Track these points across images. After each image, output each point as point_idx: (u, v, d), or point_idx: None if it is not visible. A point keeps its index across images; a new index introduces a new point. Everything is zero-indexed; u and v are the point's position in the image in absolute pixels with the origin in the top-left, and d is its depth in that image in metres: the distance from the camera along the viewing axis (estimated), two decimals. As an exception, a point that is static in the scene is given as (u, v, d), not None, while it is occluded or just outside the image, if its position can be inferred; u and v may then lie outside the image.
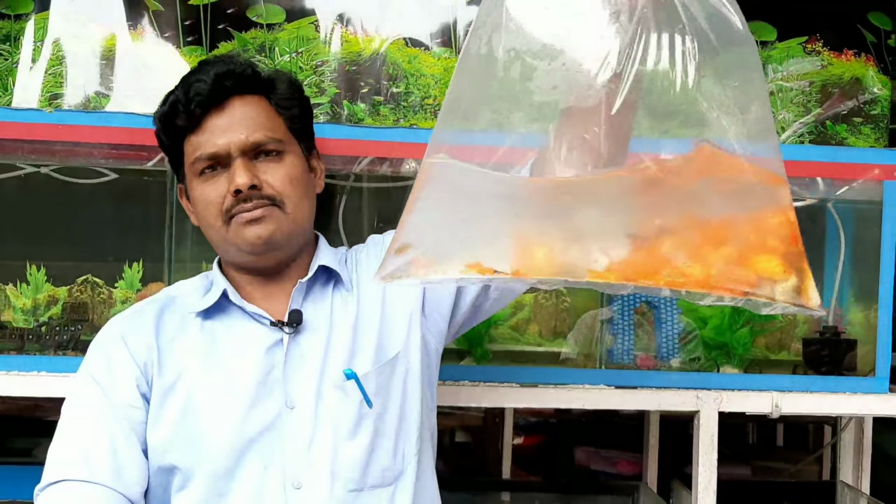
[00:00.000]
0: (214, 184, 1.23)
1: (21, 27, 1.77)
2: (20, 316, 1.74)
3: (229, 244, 1.24)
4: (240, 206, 1.21)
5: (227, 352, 1.23)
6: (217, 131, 1.22)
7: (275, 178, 1.22)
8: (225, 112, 1.23)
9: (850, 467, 2.00)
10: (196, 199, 1.26)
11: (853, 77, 1.85)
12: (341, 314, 1.26)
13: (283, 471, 1.17)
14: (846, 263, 1.86)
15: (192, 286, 1.33)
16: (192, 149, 1.24)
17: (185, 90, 1.23)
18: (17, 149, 1.68)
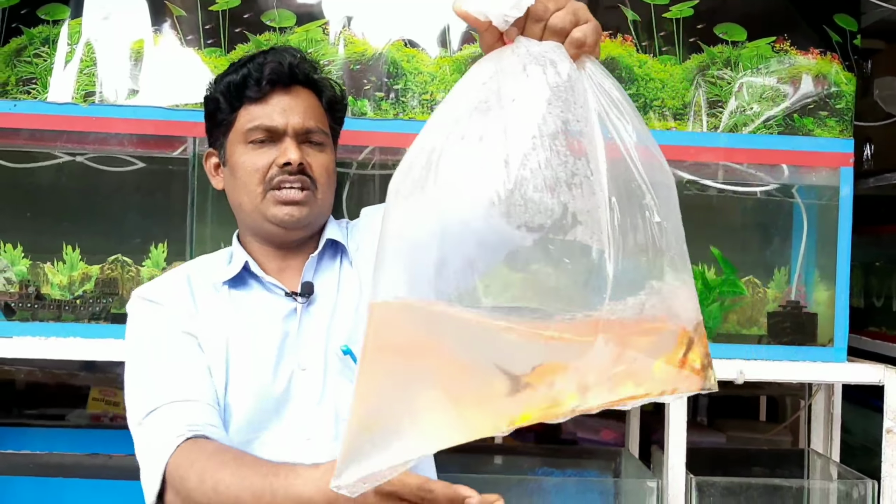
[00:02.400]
0: (264, 153, 1.34)
1: (58, 32, 1.94)
2: (57, 291, 1.92)
3: (259, 213, 1.35)
4: (284, 178, 1.33)
5: (251, 319, 1.36)
6: (279, 108, 1.34)
7: (317, 165, 1.36)
8: (290, 94, 1.36)
9: (820, 436, 2.13)
10: (239, 163, 1.35)
11: (819, 73, 1.99)
12: (347, 285, 1.39)
13: (296, 425, 1.31)
14: (812, 246, 2.01)
15: (212, 259, 1.45)
16: (251, 118, 1.35)
17: (259, 67, 1.35)
18: (55, 139, 1.87)
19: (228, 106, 1.37)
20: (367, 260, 1.38)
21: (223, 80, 1.38)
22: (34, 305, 1.80)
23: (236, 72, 1.37)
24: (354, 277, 1.40)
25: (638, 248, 0.87)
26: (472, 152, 0.85)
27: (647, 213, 0.87)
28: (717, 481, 1.78)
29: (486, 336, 0.83)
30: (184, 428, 1.20)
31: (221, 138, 1.39)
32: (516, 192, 0.82)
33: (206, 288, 1.39)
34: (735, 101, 1.97)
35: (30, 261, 1.94)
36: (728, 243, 2.01)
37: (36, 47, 1.94)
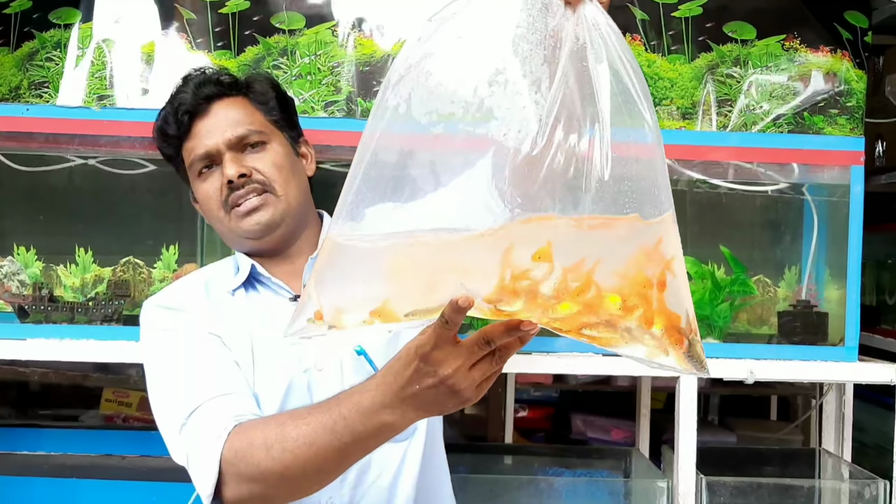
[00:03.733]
0: (211, 180, 1.40)
1: (69, 35, 1.95)
2: (69, 293, 1.94)
3: (233, 233, 1.40)
4: (235, 195, 1.37)
5: (265, 320, 1.37)
6: (204, 133, 1.39)
7: (262, 166, 1.38)
8: (209, 116, 1.40)
9: (831, 435, 2.12)
10: (200, 197, 1.43)
11: (829, 71, 1.98)
12: None
13: None
14: (823, 244, 2.00)
15: (222, 267, 1.47)
16: (188, 153, 1.41)
17: (173, 104, 1.42)
18: (67, 142, 1.89)
19: (172, 150, 1.44)
20: None
21: (155, 127, 1.46)
22: (47, 308, 1.81)
23: (159, 116, 1.45)
24: None
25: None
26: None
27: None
28: (728, 481, 1.78)
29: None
30: (230, 420, 1.17)
31: (182, 175, 1.46)
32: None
33: (222, 293, 1.40)
34: (744, 100, 1.96)
35: (43, 263, 1.96)
36: (738, 242, 2.00)
37: (48, 51, 1.95)
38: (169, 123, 1.41)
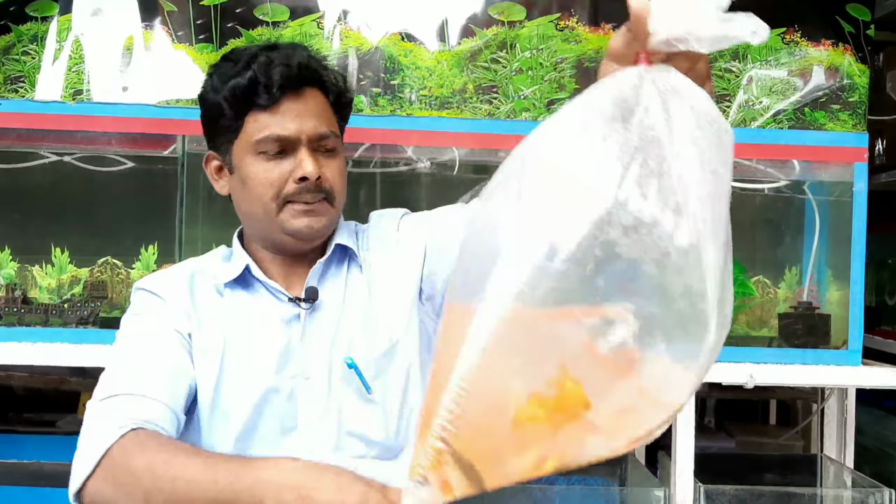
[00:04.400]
0: (278, 166, 1.24)
1: (46, 28, 1.89)
2: (45, 295, 1.87)
3: (275, 225, 1.27)
4: (302, 196, 1.25)
5: (252, 322, 1.29)
6: (291, 115, 1.24)
7: (332, 174, 1.27)
8: (300, 98, 1.25)
9: (833, 441, 2.07)
10: (251, 174, 1.26)
11: (831, 65, 1.93)
12: (354, 293, 1.32)
13: (298, 435, 1.25)
14: (824, 244, 1.95)
15: (211, 259, 1.38)
16: (260, 126, 1.25)
17: (266, 71, 1.24)
18: (42, 139, 1.83)
19: (234, 112, 1.26)
20: (377, 268, 1.33)
21: (226, 83, 1.26)
22: (20, 310, 1.75)
23: (240, 74, 1.24)
24: (363, 283, 1.34)
25: None
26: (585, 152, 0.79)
27: None
28: (727, 489, 1.72)
29: None
30: (128, 420, 1.11)
31: (225, 144, 1.29)
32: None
33: (207, 289, 1.32)
34: (744, 95, 1.91)
35: (18, 263, 1.89)
36: (737, 242, 1.92)
37: (24, 45, 1.90)
38: (257, 90, 1.23)
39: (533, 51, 1.89)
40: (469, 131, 1.88)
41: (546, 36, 1.89)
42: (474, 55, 1.89)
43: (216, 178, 1.34)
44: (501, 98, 1.89)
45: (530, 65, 1.89)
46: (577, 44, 1.89)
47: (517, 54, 1.89)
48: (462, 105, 1.89)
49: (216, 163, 1.32)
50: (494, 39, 1.89)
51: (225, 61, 1.28)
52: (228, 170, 1.30)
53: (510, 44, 1.89)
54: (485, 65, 1.89)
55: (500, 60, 1.89)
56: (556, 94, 1.88)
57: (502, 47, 1.89)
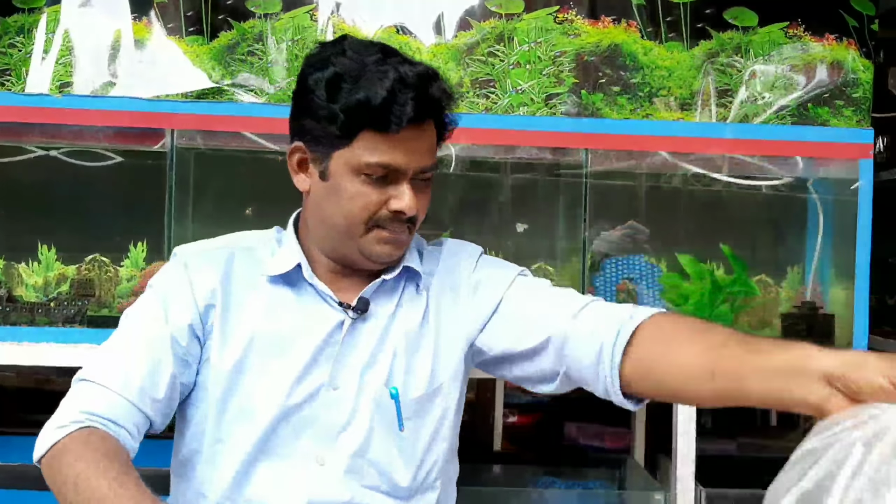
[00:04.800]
0: (378, 191, 1.20)
1: (34, 20, 1.85)
2: (32, 293, 1.83)
3: (355, 244, 1.23)
4: (393, 226, 1.21)
5: (291, 320, 1.24)
6: (405, 147, 1.18)
7: (423, 206, 1.24)
8: (420, 131, 1.19)
9: (835, 443, 2.03)
10: (347, 190, 1.21)
11: (834, 60, 1.89)
12: (406, 313, 1.28)
13: (312, 445, 1.21)
14: (827, 242, 1.91)
15: (261, 241, 1.32)
16: (372, 149, 1.18)
17: (401, 100, 1.16)
18: (27, 132, 1.79)
19: (349, 125, 1.18)
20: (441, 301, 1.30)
21: (353, 95, 1.16)
22: (6, 308, 1.71)
23: (371, 92, 1.15)
24: (418, 306, 1.30)
25: None
26: None
27: None
28: (729, 493, 1.68)
29: None
30: (81, 415, 1.13)
31: (325, 148, 1.21)
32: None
33: (247, 274, 1.27)
34: (746, 90, 1.87)
35: (3, 261, 1.85)
36: (739, 240, 1.91)
37: (11, 37, 1.86)
38: (387, 121, 1.15)
39: (531, 44, 1.85)
40: (466, 126, 1.84)
41: (544, 29, 1.85)
42: (471, 48, 1.86)
43: (297, 171, 1.27)
44: (499, 92, 1.85)
45: (528, 58, 1.85)
46: (576, 37, 1.85)
47: (515, 48, 1.85)
48: (459, 99, 1.85)
49: (301, 156, 1.25)
50: (492, 32, 1.85)
51: (349, 60, 1.18)
52: (320, 174, 1.23)
53: (508, 37, 1.85)
54: (482, 58, 1.85)
55: (497, 54, 1.85)
56: (555, 89, 1.85)
57: (500, 40, 1.85)
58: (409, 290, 1.30)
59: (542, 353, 1.26)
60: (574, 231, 1.83)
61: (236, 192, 1.93)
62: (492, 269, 1.33)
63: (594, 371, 1.18)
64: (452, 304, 1.30)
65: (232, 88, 1.83)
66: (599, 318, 1.20)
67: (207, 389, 1.23)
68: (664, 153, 1.83)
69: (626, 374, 1.16)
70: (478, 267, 1.33)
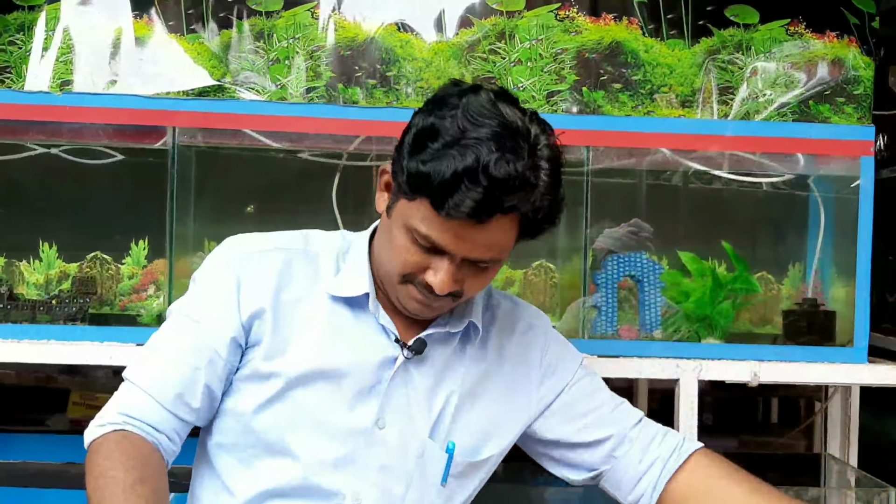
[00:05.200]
0: (420, 255, 1.13)
1: (34, 18, 1.85)
2: (33, 291, 1.83)
3: (392, 289, 1.19)
4: (425, 292, 1.15)
5: (347, 345, 1.21)
6: (459, 234, 1.09)
7: (471, 286, 1.17)
8: (480, 227, 1.08)
9: (837, 440, 2.04)
10: (396, 241, 1.15)
11: (836, 58, 1.89)
12: (465, 367, 1.26)
13: (352, 482, 1.20)
14: (829, 239, 1.91)
15: (328, 248, 1.26)
16: (424, 218, 1.10)
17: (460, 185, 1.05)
18: (28, 130, 1.78)
19: (411, 184, 1.10)
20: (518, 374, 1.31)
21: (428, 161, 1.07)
22: (7, 306, 1.70)
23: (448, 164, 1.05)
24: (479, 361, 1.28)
25: None
26: None
27: None
28: (730, 490, 1.67)
29: None
30: (118, 417, 1.17)
31: (401, 190, 1.13)
32: None
33: (303, 285, 1.22)
34: (747, 88, 1.87)
35: (4, 258, 1.85)
36: (740, 238, 1.91)
37: (11, 34, 1.86)
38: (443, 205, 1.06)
39: (532, 41, 1.85)
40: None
41: (546, 26, 1.85)
42: (472, 46, 1.85)
43: (382, 190, 1.21)
44: (500, 90, 1.85)
45: (529, 56, 1.85)
46: (577, 34, 1.85)
47: (516, 45, 1.85)
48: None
49: (387, 178, 1.18)
50: (493, 30, 1.85)
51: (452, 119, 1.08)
52: (387, 208, 1.18)
53: (509, 34, 1.85)
54: (483, 56, 1.85)
55: (498, 51, 1.85)
56: (556, 86, 1.84)
57: (501, 38, 1.85)
58: (468, 342, 1.27)
59: (596, 448, 1.32)
60: (575, 229, 1.82)
61: (238, 189, 1.93)
62: (561, 350, 1.35)
63: (635, 479, 1.30)
64: (523, 379, 1.30)
65: (233, 86, 1.83)
66: (658, 434, 1.32)
67: (248, 392, 1.21)
68: (665, 151, 1.83)
69: (668, 493, 1.28)
70: (549, 346, 1.34)
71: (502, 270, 1.90)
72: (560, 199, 1.15)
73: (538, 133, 1.10)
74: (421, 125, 1.11)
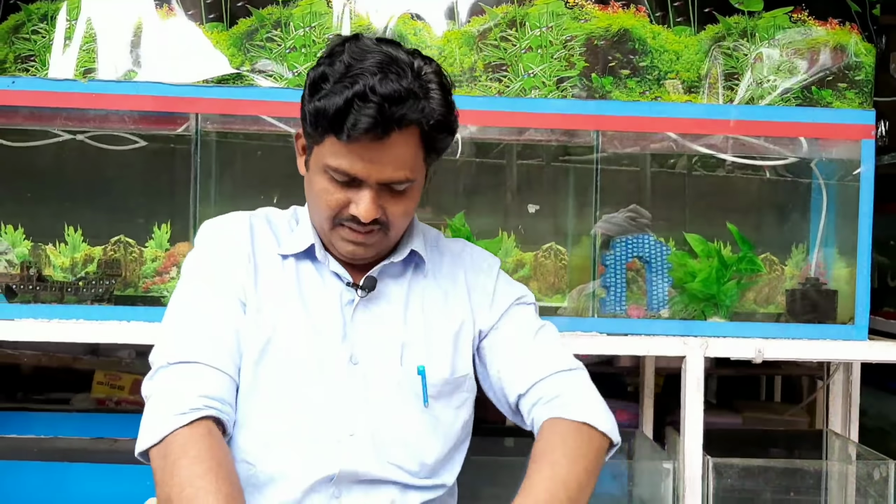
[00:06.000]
0: (341, 192, 1.22)
1: (57, 7, 1.90)
2: (59, 273, 1.88)
3: (327, 237, 1.29)
4: (351, 224, 1.24)
5: (311, 295, 1.30)
6: (365, 157, 1.18)
7: (394, 212, 1.24)
8: (382, 145, 1.17)
9: (838, 417, 2.09)
10: (316, 187, 1.24)
11: (838, 44, 1.94)
12: (418, 295, 1.34)
13: (341, 418, 1.26)
14: (831, 221, 1.96)
15: (280, 217, 1.37)
16: (334, 154, 1.20)
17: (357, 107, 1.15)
18: (54, 117, 1.83)
19: (315, 128, 1.21)
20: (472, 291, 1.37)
21: (317, 97, 1.18)
22: (36, 287, 1.76)
23: (331, 100, 1.16)
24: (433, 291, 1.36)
25: None
26: None
27: None
28: (735, 463, 1.74)
29: None
30: (200, 401, 1.16)
31: (309, 141, 1.25)
32: None
33: (267, 244, 1.33)
34: (751, 74, 1.92)
35: (31, 242, 1.90)
36: (745, 219, 1.96)
37: (34, 24, 1.90)
38: (341, 128, 1.16)
39: (542, 29, 1.90)
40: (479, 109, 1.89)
41: (555, 14, 1.90)
42: (484, 34, 1.90)
43: (300, 154, 1.32)
44: (511, 76, 1.90)
45: (540, 43, 1.90)
46: (586, 21, 1.90)
47: (527, 32, 1.90)
48: (472, 83, 1.90)
49: (302, 142, 1.30)
50: (504, 18, 1.90)
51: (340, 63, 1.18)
52: (306, 163, 1.29)
53: (520, 22, 1.90)
54: (494, 43, 1.90)
55: (509, 38, 1.90)
56: (566, 72, 1.89)
57: (512, 25, 1.90)
58: (418, 275, 1.36)
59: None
60: (585, 211, 1.88)
61: (257, 174, 1.98)
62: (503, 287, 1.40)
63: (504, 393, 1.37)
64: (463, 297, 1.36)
65: (251, 74, 1.88)
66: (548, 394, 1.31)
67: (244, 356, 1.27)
68: (672, 135, 1.88)
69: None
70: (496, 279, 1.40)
71: (514, 253, 1.96)
72: (453, 112, 1.24)
73: (422, 63, 1.21)
74: (313, 75, 1.22)
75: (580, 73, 1.89)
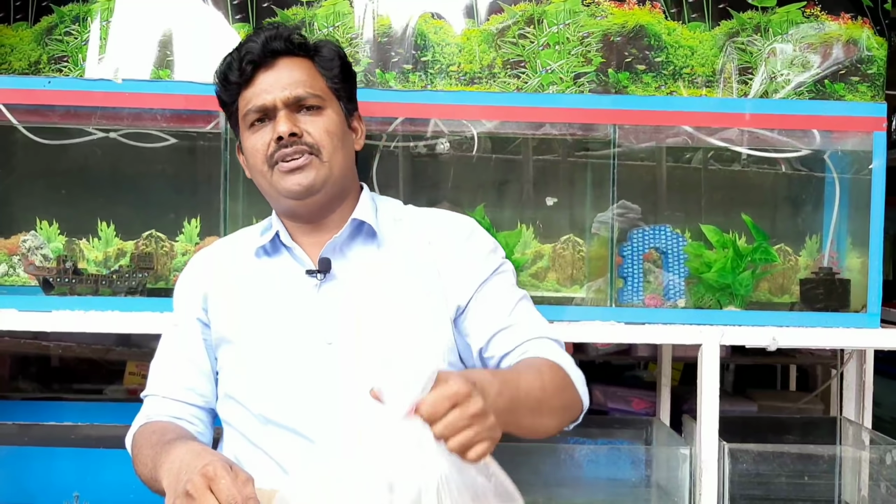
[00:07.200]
0: (261, 133, 1.39)
1: (88, 9, 1.96)
2: (92, 266, 1.95)
3: (274, 189, 1.40)
4: (281, 152, 1.37)
5: (276, 288, 1.40)
6: (265, 86, 1.38)
7: (313, 129, 1.38)
8: (273, 70, 1.39)
9: (852, 404, 2.12)
10: (247, 149, 1.42)
11: (850, 38, 1.97)
12: (381, 269, 1.40)
13: (327, 399, 1.32)
14: (844, 212, 2.00)
15: (252, 229, 1.53)
16: (245, 103, 1.40)
17: (240, 51, 1.40)
18: (88, 116, 1.89)
19: (228, 97, 1.43)
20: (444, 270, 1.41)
21: (217, 71, 1.44)
22: (72, 280, 1.82)
23: (223, 61, 1.42)
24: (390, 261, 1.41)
25: None
26: None
27: None
28: (751, 448, 1.78)
29: None
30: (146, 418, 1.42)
31: (236, 129, 1.46)
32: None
33: (228, 259, 1.47)
34: (765, 68, 1.96)
35: (65, 237, 1.97)
36: (759, 211, 2.00)
37: (67, 25, 1.96)
38: (232, 70, 1.40)
39: (560, 26, 1.94)
40: (499, 105, 1.93)
41: (573, 11, 1.94)
42: (503, 31, 1.95)
43: (244, 163, 1.49)
44: (529, 72, 1.94)
45: (557, 39, 1.95)
46: (602, 19, 1.94)
47: (544, 30, 1.94)
48: (491, 80, 1.95)
49: (239, 144, 1.48)
50: (522, 16, 1.95)
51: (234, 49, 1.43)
52: (240, 149, 1.47)
53: (538, 20, 1.95)
54: (513, 40, 1.95)
55: (527, 36, 1.95)
56: (583, 68, 1.94)
57: (530, 23, 1.95)
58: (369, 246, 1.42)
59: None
60: (602, 204, 1.92)
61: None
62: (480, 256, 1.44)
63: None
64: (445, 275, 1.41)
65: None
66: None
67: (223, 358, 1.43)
68: (688, 129, 1.92)
69: None
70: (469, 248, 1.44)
71: (532, 245, 2.00)
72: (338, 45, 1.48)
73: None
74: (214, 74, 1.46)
75: (597, 68, 1.94)
